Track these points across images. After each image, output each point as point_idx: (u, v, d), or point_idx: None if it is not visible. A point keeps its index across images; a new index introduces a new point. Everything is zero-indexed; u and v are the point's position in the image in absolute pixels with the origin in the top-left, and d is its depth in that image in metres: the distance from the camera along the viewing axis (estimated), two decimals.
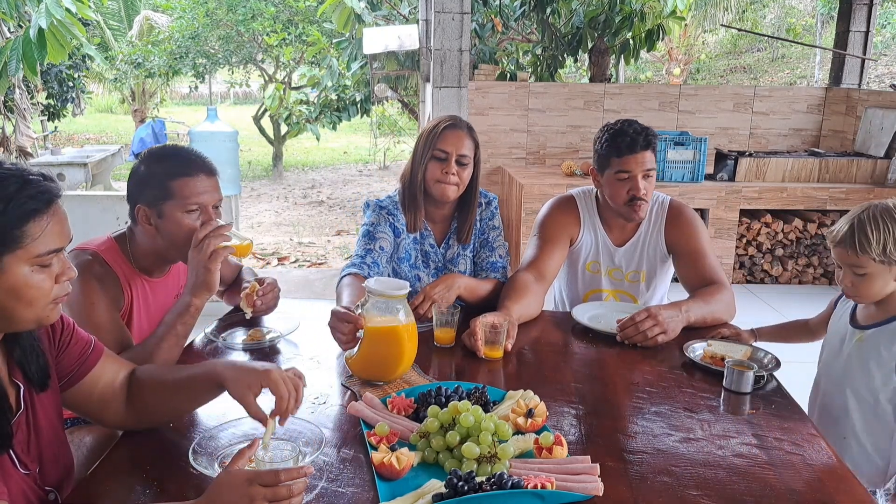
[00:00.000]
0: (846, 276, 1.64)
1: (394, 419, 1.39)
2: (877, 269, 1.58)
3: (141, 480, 1.21)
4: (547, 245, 2.18)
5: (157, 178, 1.66)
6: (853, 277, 1.62)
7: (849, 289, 1.64)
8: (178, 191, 1.65)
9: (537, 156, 5.61)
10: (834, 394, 1.73)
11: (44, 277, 1.10)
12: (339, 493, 1.18)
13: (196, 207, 1.67)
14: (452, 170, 2.04)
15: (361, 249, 2.10)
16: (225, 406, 1.49)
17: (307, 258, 6.47)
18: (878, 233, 1.55)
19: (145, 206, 1.67)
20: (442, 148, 2.04)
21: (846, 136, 5.55)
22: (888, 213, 1.57)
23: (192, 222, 1.66)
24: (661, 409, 1.50)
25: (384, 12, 7.52)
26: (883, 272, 1.58)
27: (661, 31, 6.55)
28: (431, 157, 2.06)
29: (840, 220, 1.65)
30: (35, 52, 4.03)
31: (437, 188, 2.06)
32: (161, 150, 1.75)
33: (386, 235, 2.12)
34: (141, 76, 10.84)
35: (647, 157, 2.07)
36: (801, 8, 15.22)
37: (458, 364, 1.74)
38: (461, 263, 2.20)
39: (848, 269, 1.62)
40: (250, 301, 1.89)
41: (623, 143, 2.07)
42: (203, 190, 1.67)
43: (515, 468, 1.23)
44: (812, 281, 4.94)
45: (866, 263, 1.58)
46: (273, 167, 11.29)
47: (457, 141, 2.05)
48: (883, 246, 1.55)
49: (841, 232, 1.62)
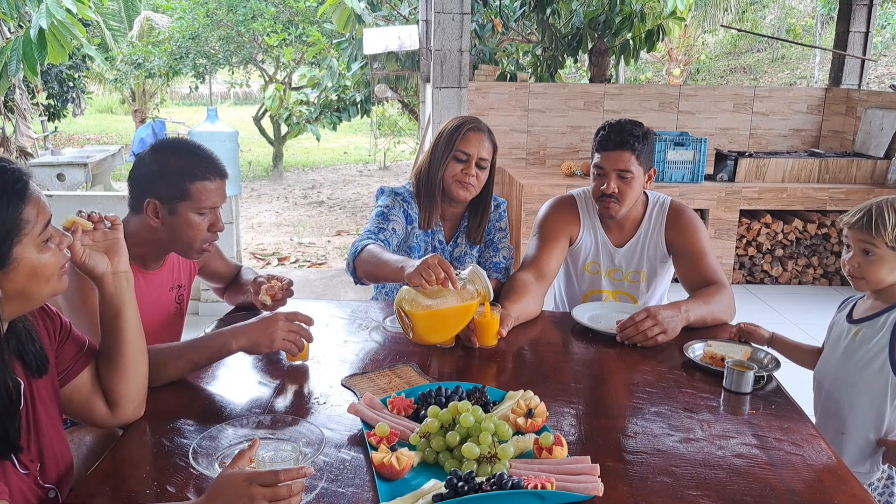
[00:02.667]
0: (854, 257, 1.67)
1: (394, 419, 1.39)
2: (887, 254, 1.62)
3: (141, 480, 1.21)
4: (547, 245, 2.18)
5: (174, 176, 1.67)
6: (862, 258, 1.65)
7: (855, 269, 1.67)
8: (195, 193, 1.68)
9: (537, 156, 5.61)
10: (833, 390, 1.74)
11: (50, 253, 1.15)
12: (339, 493, 1.18)
13: (208, 211, 1.71)
14: (472, 171, 2.08)
15: (374, 226, 2.10)
16: (225, 406, 1.49)
17: (307, 258, 6.47)
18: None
19: (157, 200, 1.68)
20: (464, 150, 2.08)
21: (846, 136, 5.55)
22: None
23: (202, 222, 1.71)
24: (661, 409, 1.50)
25: (384, 13, 7.52)
26: (891, 259, 1.63)
27: (661, 32, 6.55)
28: (453, 158, 2.09)
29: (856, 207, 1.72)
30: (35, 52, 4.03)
31: (455, 188, 2.09)
32: (175, 145, 1.74)
33: (399, 219, 2.13)
34: (141, 76, 10.85)
35: (621, 156, 2.06)
36: (800, 8, 15.23)
37: (458, 364, 1.74)
38: (467, 262, 2.22)
39: (859, 249, 1.66)
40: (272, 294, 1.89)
41: (602, 138, 2.11)
42: (218, 194, 1.72)
43: (515, 468, 1.23)
44: (812, 281, 4.94)
45: (879, 245, 1.62)
46: (273, 167, 11.29)
47: (479, 144, 2.08)
48: None
49: (858, 214, 1.67)
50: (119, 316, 1.34)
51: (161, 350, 1.54)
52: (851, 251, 1.69)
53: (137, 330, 1.37)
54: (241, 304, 2.06)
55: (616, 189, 2.09)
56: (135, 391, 1.38)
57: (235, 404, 1.50)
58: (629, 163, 2.07)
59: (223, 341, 1.57)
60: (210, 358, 1.57)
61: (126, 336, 1.35)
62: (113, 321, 1.34)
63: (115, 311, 1.34)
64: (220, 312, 2.08)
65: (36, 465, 1.20)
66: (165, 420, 1.41)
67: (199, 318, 3.85)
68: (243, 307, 2.05)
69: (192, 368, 1.57)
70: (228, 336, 1.58)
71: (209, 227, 1.73)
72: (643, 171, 2.11)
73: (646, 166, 2.11)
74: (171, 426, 1.39)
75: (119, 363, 1.35)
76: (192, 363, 1.56)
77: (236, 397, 1.54)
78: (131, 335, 1.36)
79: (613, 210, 2.13)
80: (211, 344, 1.57)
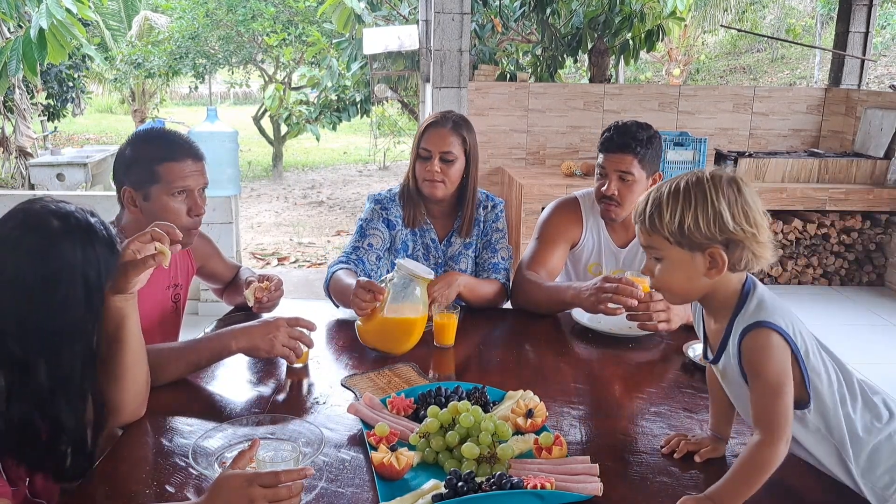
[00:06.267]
0: (647, 262, 1.26)
1: (393, 419, 1.39)
2: (674, 255, 1.19)
3: (140, 480, 1.21)
4: (549, 247, 2.19)
5: (144, 161, 1.68)
6: (651, 263, 1.25)
7: (653, 280, 1.26)
8: (164, 174, 1.67)
9: (537, 156, 5.60)
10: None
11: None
12: (339, 493, 1.18)
13: (182, 191, 1.70)
14: (435, 168, 2.07)
15: (350, 246, 2.16)
16: (225, 406, 1.49)
17: (307, 258, 6.47)
18: (677, 205, 1.17)
19: (131, 188, 1.69)
20: (424, 146, 2.09)
21: (846, 136, 5.55)
22: (699, 186, 1.17)
23: (178, 205, 1.70)
24: (661, 409, 1.50)
25: (384, 13, 7.52)
26: (683, 260, 1.19)
27: (661, 32, 6.54)
28: (417, 156, 2.11)
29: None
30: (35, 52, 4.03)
31: (425, 186, 2.10)
32: (148, 133, 1.76)
33: (377, 232, 2.15)
34: (141, 76, 10.84)
35: (623, 159, 2.06)
36: (800, 8, 15.22)
37: (458, 364, 1.74)
38: (462, 261, 2.21)
39: (646, 251, 1.25)
40: (259, 295, 1.89)
41: (606, 139, 2.10)
42: (189, 174, 1.70)
43: (515, 468, 1.23)
44: (811, 281, 4.93)
45: (660, 244, 1.20)
46: (273, 167, 11.28)
47: (438, 139, 2.07)
48: (679, 223, 1.16)
49: (639, 204, 1.24)
50: (122, 327, 1.33)
51: (161, 350, 1.53)
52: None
53: (138, 339, 1.36)
54: (239, 305, 2.06)
55: (616, 191, 2.08)
56: (133, 398, 1.37)
57: (235, 404, 1.50)
58: (631, 165, 2.06)
59: (223, 342, 1.57)
60: (210, 359, 1.57)
61: (127, 347, 1.34)
62: (115, 332, 1.32)
63: (119, 323, 1.32)
64: (219, 313, 2.08)
65: (24, 479, 1.18)
66: (165, 420, 1.41)
67: (199, 318, 3.85)
68: (242, 307, 2.05)
69: (191, 369, 1.57)
70: (228, 337, 1.58)
71: (188, 211, 1.72)
72: (646, 174, 2.09)
73: (649, 170, 2.10)
74: (170, 426, 1.39)
75: (118, 372, 1.34)
76: (191, 364, 1.56)
77: (236, 397, 1.54)
78: (132, 345, 1.34)
79: (614, 213, 2.13)
80: (211, 345, 1.57)
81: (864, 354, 3.76)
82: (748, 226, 1.16)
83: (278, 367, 1.68)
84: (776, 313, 1.17)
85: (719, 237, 1.16)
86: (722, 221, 1.15)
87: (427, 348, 1.79)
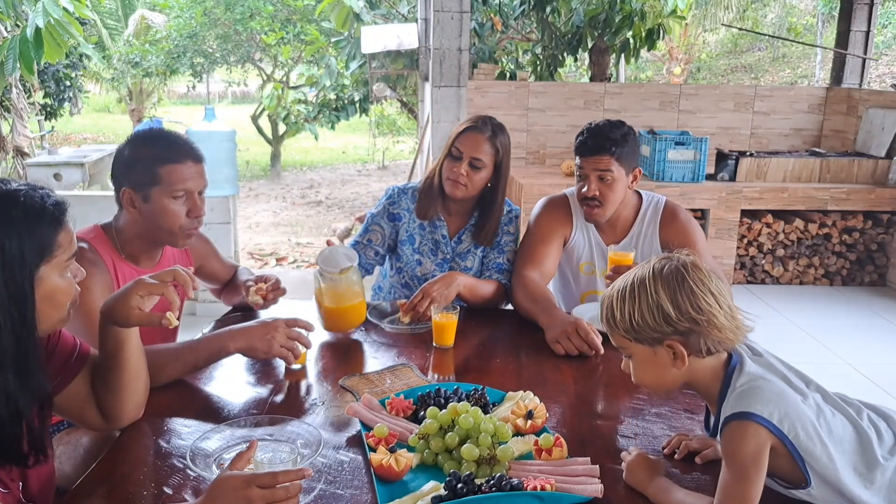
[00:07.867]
0: (623, 360, 1.26)
1: (393, 421, 1.38)
2: (638, 351, 1.19)
3: (138, 482, 1.20)
4: (542, 245, 2.18)
5: (145, 162, 1.67)
6: (625, 361, 1.25)
7: (632, 378, 1.25)
8: (165, 177, 1.66)
9: (537, 155, 5.60)
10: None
11: (68, 282, 1.16)
12: (338, 494, 1.17)
13: (182, 194, 1.69)
14: (462, 169, 2.10)
15: (354, 240, 2.28)
16: (223, 407, 1.48)
17: (305, 258, 6.46)
18: (625, 304, 1.17)
19: (131, 189, 1.68)
20: (458, 147, 2.12)
21: (847, 135, 5.54)
22: (641, 282, 1.16)
23: (178, 207, 1.69)
24: (661, 410, 1.49)
25: (383, 11, 7.51)
26: (647, 355, 1.18)
27: (662, 31, 6.54)
28: (448, 154, 2.15)
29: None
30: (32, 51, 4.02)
31: (447, 184, 2.15)
32: (148, 134, 1.75)
33: (379, 227, 2.24)
34: (138, 75, 10.84)
35: (600, 160, 2.06)
36: (801, 7, 15.21)
37: (458, 365, 1.73)
38: (469, 259, 2.23)
39: (619, 349, 1.25)
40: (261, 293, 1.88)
41: (580, 143, 2.11)
42: (189, 176, 1.69)
43: (515, 470, 1.22)
44: (813, 281, 4.93)
45: (623, 343, 1.21)
46: (271, 167, 11.28)
47: (473, 144, 2.11)
48: (629, 321, 1.17)
49: (601, 306, 1.25)
50: (121, 349, 1.30)
51: (158, 351, 1.52)
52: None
53: (138, 356, 1.34)
54: (237, 305, 2.05)
55: (597, 192, 2.09)
56: (131, 406, 1.35)
57: (233, 405, 1.49)
58: (609, 165, 2.07)
59: (221, 343, 1.56)
60: (208, 359, 1.56)
61: (127, 365, 1.32)
62: (114, 352, 1.30)
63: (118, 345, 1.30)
64: (217, 313, 2.07)
65: (17, 483, 1.17)
66: (163, 421, 1.40)
67: (197, 318, 3.84)
68: (240, 308, 2.04)
69: (189, 370, 1.56)
70: (226, 338, 1.57)
71: (188, 213, 1.71)
72: (625, 171, 2.10)
73: (628, 167, 2.10)
74: (168, 427, 1.38)
75: (117, 384, 1.32)
76: (189, 364, 1.55)
77: (234, 398, 1.53)
78: (132, 363, 1.33)
79: (597, 215, 2.14)
80: (209, 345, 1.56)
81: (866, 354, 3.76)
82: (696, 313, 1.12)
83: (276, 368, 1.67)
84: (761, 398, 1.10)
85: (668, 329, 1.13)
86: (665, 314, 1.13)
87: (426, 348, 1.78)
